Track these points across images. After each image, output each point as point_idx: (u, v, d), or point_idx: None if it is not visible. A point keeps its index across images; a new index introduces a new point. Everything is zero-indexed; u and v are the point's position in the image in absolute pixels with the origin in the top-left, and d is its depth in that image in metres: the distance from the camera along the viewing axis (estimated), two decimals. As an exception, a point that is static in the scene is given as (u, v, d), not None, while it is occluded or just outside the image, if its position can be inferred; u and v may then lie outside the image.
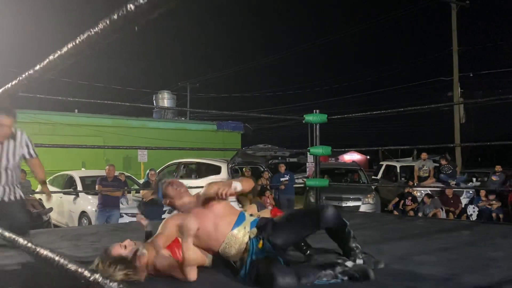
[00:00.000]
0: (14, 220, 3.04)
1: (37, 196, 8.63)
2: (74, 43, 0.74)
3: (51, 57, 0.80)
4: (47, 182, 11.48)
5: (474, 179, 13.22)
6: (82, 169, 13.07)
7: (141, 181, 10.28)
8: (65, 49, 0.76)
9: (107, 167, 8.33)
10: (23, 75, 0.91)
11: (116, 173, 8.63)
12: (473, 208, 10.14)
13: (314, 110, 5.97)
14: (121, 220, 7.88)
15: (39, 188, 3.74)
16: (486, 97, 18.13)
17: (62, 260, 0.91)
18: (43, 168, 3.54)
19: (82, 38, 0.72)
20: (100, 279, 0.78)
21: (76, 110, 18.50)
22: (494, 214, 9.81)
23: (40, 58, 0.87)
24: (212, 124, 21.24)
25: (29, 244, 1.12)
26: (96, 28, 0.68)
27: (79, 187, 9.47)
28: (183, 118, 23.26)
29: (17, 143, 3.24)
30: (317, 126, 5.91)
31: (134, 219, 8.01)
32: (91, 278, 0.80)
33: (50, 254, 0.98)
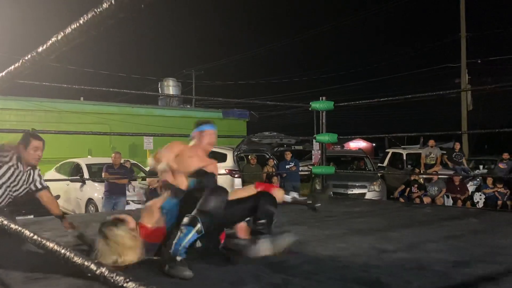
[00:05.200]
0: None
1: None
2: (78, 23, 0.71)
3: (54, 39, 0.78)
4: (54, 170, 11.39)
5: (481, 167, 13.14)
6: (89, 156, 13.12)
7: (147, 168, 10.30)
8: (69, 29, 0.74)
9: (113, 154, 8.34)
10: (27, 57, 0.88)
11: (122, 160, 8.65)
12: (480, 195, 10.10)
13: (321, 97, 5.93)
14: (127, 207, 7.92)
15: (46, 176, 3.64)
16: (494, 84, 17.94)
17: (68, 253, 0.90)
18: (55, 201, 3.42)
19: (86, 18, 0.69)
20: (106, 273, 0.77)
21: (82, 98, 18.50)
22: (500, 202, 9.77)
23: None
24: (218, 112, 21.19)
25: (36, 236, 1.11)
26: (101, 8, 0.65)
27: (86, 175, 9.51)
28: (188, 106, 23.21)
29: (35, 175, 3.24)
30: (324, 114, 5.87)
31: (140, 206, 8.06)
32: (98, 272, 0.79)
33: (56, 247, 0.97)
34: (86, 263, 0.83)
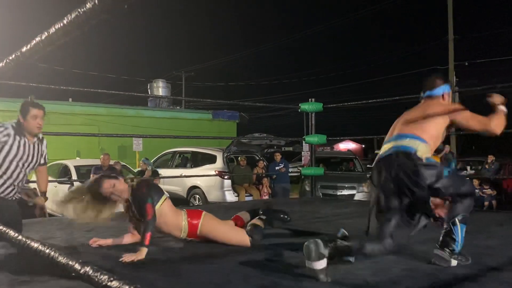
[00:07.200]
0: (9, 218, 2.87)
1: (32, 185, 8.59)
2: (62, 23, 0.71)
3: (38, 38, 0.77)
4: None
5: (468, 168, 13.28)
6: (77, 158, 13.01)
7: (136, 170, 10.25)
8: (52, 29, 0.73)
9: (102, 156, 8.29)
10: (10, 57, 0.88)
11: (111, 162, 8.59)
12: (468, 196, 10.22)
13: (310, 99, 5.96)
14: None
15: (34, 177, 3.64)
16: (481, 85, 18.12)
17: (53, 253, 0.90)
18: (47, 178, 3.52)
19: (70, 18, 0.69)
20: (90, 272, 0.77)
21: (70, 99, 18.36)
22: (486, 203, 9.89)
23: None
24: (208, 113, 21.16)
25: (20, 237, 1.11)
26: (85, 8, 0.65)
27: (74, 176, 9.42)
28: (178, 107, 23.15)
29: (43, 147, 3.25)
30: (313, 115, 5.90)
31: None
32: (82, 271, 0.78)
33: (41, 247, 0.97)
34: (70, 263, 0.83)
